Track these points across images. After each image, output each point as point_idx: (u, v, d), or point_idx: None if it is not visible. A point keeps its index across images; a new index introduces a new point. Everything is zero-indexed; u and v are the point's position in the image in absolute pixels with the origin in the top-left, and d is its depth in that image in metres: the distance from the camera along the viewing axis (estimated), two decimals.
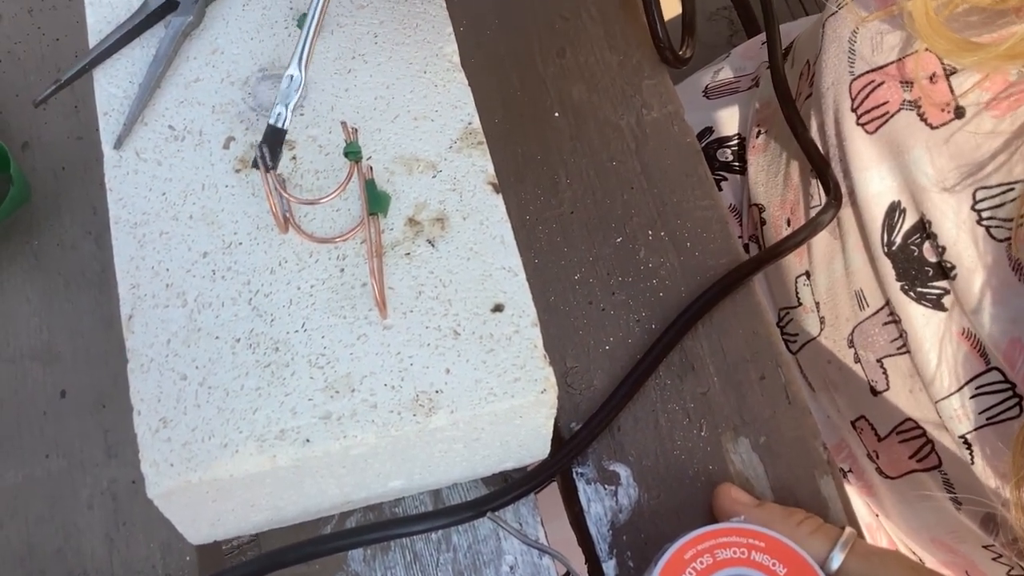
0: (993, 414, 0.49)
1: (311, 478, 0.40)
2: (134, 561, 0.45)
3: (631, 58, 0.58)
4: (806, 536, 0.42)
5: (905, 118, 0.49)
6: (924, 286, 0.51)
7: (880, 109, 0.51)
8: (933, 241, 0.49)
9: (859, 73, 0.52)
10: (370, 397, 0.39)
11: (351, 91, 0.45)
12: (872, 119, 0.51)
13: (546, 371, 0.40)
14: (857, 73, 0.52)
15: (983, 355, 0.49)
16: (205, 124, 0.44)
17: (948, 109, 0.47)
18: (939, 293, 0.51)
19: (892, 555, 0.42)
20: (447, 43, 0.47)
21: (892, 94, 0.50)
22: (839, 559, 0.41)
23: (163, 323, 0.40)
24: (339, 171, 0.43)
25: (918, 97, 0.49)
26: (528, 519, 0.47)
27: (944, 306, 0.51)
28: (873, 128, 0.51)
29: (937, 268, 0.50)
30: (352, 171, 0.40)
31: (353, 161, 0.40)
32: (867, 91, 0.51)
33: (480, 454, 0.43)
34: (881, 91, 0.50)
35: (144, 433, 0.38)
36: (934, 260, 0.50)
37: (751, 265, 0.51)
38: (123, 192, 0.43)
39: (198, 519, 0.41)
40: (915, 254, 0.51)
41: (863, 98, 0.52)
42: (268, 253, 0.42)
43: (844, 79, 0.53)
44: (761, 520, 0.43)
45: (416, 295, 0.41)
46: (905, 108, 0.49)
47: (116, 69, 0.45)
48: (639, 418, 0.49)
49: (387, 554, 0.46)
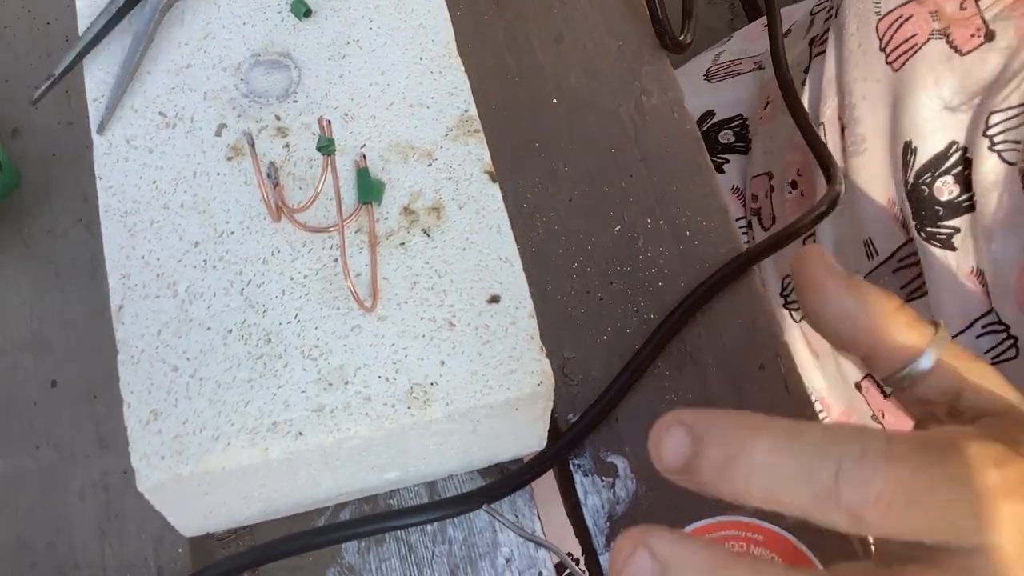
0: (996, 354, 0.48)
1: (304, 470, 0.40)
2: (126, 553, 0.45)
3: (630, 43, 0.57)
4: (902, 327, 0.32)
5: (935, 47, 0.49)
6: (934, 225, 0.51)
7: (909, 43, 0.50)
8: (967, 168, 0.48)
9: (885, 12, 0.51)
10: (364, 389, 0.38)
11: (345, 77, 0.45)
12: (900, 54, 0.51)
13: (543, 363, 0.39)
14: (884, 12, 0.51)
15: (988, 295, 0.49)
16: (197, 111, 0.43)
17: (979, 34, 0.47)
18: (949, 232, 0.50)
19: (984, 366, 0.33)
20: (443, 28, 0.46)
21: (921, 26, 0.49)
22: (930, 360, 0.32)
23: (154, 314, 0.40)
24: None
25: (947, 25, 0.48)
26: (524, 511, 0.46)
27: (954, 245, 0.50)
28: (900, 64, 0.51)
29: (947, 207, 0.49)
30: (326, 166, 0.39)
31: (326, 155, 0.39)
32: (895, 28, 0.51)
33: (476, 446, 0.42)
34: (909, 24, 0.50)
35: (134, 425, 0.38)
36: (944, 199, 0.50)
37: (750, 255, 0.51)
38: (113, 180, 0.42)
39: (190, 511, 0.41)
40: (925, 193, 0.51)
41: (891, 35, 0.51)
42: (260, 242, 0.41)
43: (871, 20, 0.52)
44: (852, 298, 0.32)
45: (411, 285, 0.40)
46: (934, 38, 0.48)
47: (105, 55, 0.44)
48: (637, 409, 0.49)
49: (382, 546, 0.45)
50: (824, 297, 0.32)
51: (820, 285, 0.33)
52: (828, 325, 0.33)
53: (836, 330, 0.33)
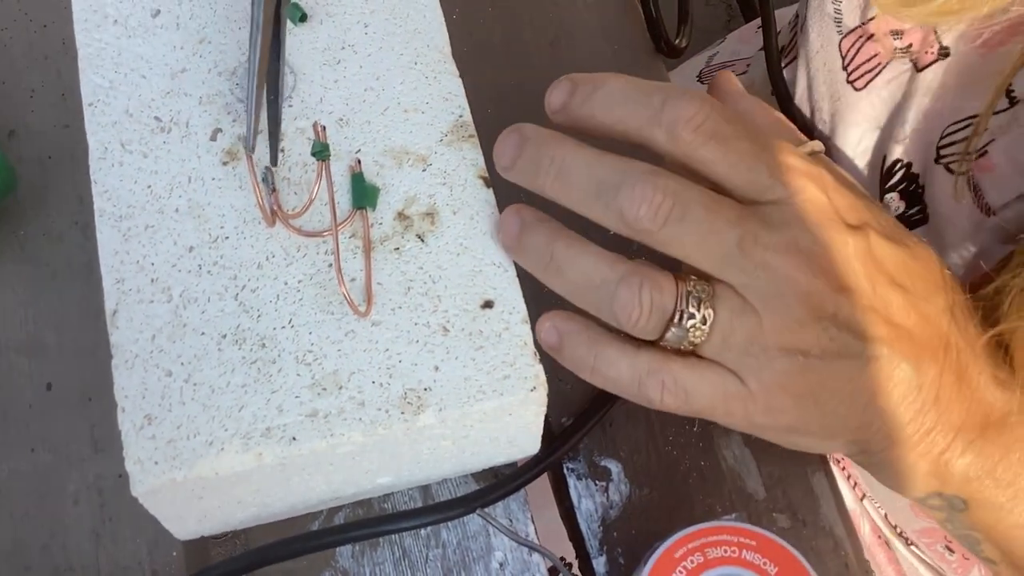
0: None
1: (298, 475, 0.40)
2: (121, 556, 0.45)
3: (625, 47, 0.58)
4: (783, 131, 0.43)
5: (896, 66, 0.49)
6: None
7: (871, 62, 0.50)
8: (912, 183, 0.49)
9: (847, 30, 0.51)
10: (358, 395, 0.39)
11: (340, 82, 0.45)
12: (862, 74, 0.51)
13: (536, 368, 0.39)
14: (845, 31, 0.51)
15: None
16: (192, 116, 0.44)
17: (932, 51, 0.47)
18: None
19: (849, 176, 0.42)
20: (438, 33, 0.46)
21: (883, 45, 0.49)
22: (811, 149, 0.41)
23: (148, 318, 0.40)
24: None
25: (910, 43, 0.48)
26: (518, 515, 0.46)
27: None
28: (863, 84, 0.51)
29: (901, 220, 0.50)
30: (320, 170, 0.39)
31: (320, 160, 0.39)
32: (857, 46, 0.51)
33: (469, 451, 0.43)
34: (871, 44, 0.50)
35: (128, 430, 0.38)
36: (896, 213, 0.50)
37: None
38: (108, 184, 0.42)
39: (184, 516, 0.41)
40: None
41: (853, 54, 0.51)
42: (255, 248, 0.41)
43: (833, 39, 0.52)
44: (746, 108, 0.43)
45: (405, 291, 0.41)
46: (897, 56, 0.49)
47: (101, 58, 0.44)
48: (631, 413, 0.49)
49: (376, 550, 0.45)
50: (726, 101, 0.43)
51: (724, 92, 0.43)
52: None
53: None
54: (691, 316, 0.36)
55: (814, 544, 0.47)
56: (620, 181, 0.36)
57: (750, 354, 0.36)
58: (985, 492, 0.39)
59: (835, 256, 0.37)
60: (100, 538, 0.45)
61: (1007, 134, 0.44)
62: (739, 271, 0.36)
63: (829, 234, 0.37)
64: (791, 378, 0.36)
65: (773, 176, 0.37)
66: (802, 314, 0.36)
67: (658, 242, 0.37)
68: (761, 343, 0.36)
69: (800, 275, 0.36)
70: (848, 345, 0.36)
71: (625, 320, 0.37)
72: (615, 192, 0.36)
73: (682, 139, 0.36)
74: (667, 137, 0.37)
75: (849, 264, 0.37)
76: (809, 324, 0.36)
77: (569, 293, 0.39)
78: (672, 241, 0.36)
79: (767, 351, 0.36)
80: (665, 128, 0.37)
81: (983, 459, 0.38)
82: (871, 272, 0.37)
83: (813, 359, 0.36)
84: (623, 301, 0.36)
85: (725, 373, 0.37)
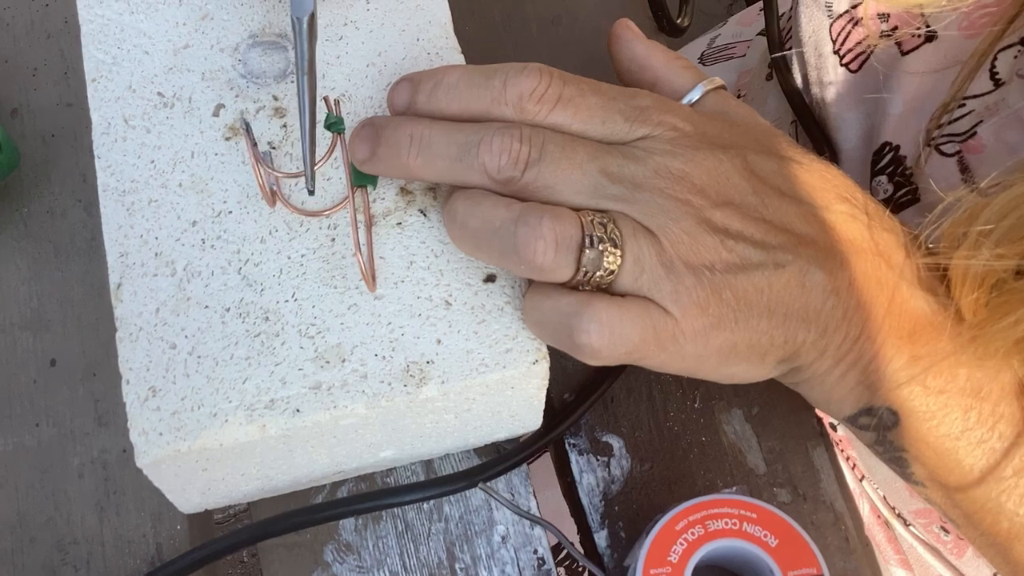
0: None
1: (301, 448, 0.40)
2: (125, 530, 0.45)
3: None
4: (679, 69, 0.43)
5: (884, 49, 0.49)
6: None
7: (861, 45, 0.51)
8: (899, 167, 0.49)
9: (837, 14, 0.52)
10: (360, 367, 0.39)
11: (342, 58, 0.45)
12: (855, 56, 0.51)
13: (537, 342, 0.40)
14: (835, 15, 0.52)
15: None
16: (195, 91, 0.44)
17: (919, 34, 0.47)
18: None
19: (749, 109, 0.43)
20: (441, 10, 0.46)
21: (871, 28, 0.50)
22: (699, 92, 0.42)
23: (152, 292, 0.40)
24: (330, 139, 0.43)
25: (895, 26, 0.48)
26: (520, 489, 0.47)
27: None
28: (856, 66, 0.51)
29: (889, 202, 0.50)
30: (335, 143, 0.39)
31: (336, 133, 0.39)
32: (847, 30, 0.51)
33: (472, 425, 0.43)
34: (860, 28, 0.50)
35: (133, 402, 0.38)
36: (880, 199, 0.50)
37: None
38: (111, 159, 0.42)
39: (188, 488, 0.41)
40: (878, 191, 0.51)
41: (843, 39, 0.51)
42: (258, 222, 0.41)
43: (823, 24, 0.52)
44: (643, 46, 0.43)
45: (407, 265, 0.41)
46: (883, 39, 0.49)
47: (104, 34, 0.45)
48: (632, 389, 0.49)
49: (379, 524, 0.46)
50: (623, 45, 0.43)
51: (620, 37, 0.43)
52: (624, 65, 0.43)
53: (629, 69, 0.43)
54: (600, 240, 0.36)
55: (814, 518, 0.47)
56: (478, 139, 0.38)
57: (662, 276, 0.37)
58: (915, 400, 0.39)
59: (710, 173, 0.38)
60: (104, 512, 0.45)
61: (995, 115, 0.44)
62: (614, 199, 0.37)
63: (698, 156, 0.38)
64: (705, 295, 0.37)
65: (628, 120, 0.38)
66: (691, 227, 0.37)
67: (526, 188, 0.38)
68: (667, 262, 0.36)
69: (677, 192, 0.37)
70: (748, 255, 0.37)
71: (530, 255, 0.36)
72: (476, 149, 0.38)
73: (529, 111, 0.38)
74: (515, 112, 0.38)
75: (728, 179, 0.38)
76: (702, 236, 0.37)
77: (475, 246, 0.39)
78: (537, 183, 0.37)
79: (675, 269, 0.36)
80: (511, 105, 0.38)
81: (912, 364, 0.38)
82: (756, 186, 0.38)
83: (719, 273, 0.37)
84: (523, 236, 0.36)
85: (647, 304, 0.37)
